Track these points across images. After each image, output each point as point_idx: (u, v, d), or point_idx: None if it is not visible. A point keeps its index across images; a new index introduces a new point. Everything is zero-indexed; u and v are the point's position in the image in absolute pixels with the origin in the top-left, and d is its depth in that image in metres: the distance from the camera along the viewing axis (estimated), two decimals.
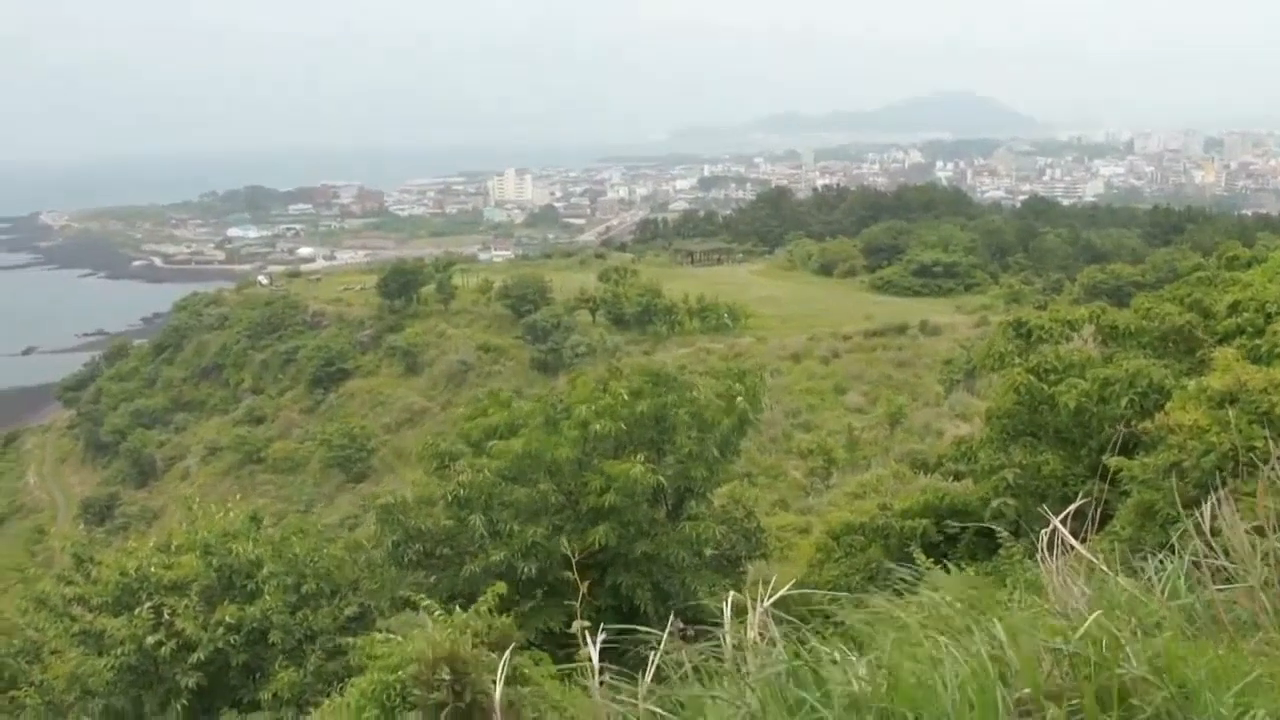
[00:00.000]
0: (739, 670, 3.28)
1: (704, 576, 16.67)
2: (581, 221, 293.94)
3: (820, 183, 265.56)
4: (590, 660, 3.46)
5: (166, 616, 13.76)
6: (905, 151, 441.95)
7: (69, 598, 15.79)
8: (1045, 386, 16.21)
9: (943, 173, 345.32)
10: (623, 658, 3.58)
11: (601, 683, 3.48)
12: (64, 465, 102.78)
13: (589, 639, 3.50)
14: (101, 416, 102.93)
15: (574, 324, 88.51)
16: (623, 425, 16.06)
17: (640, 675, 3.35)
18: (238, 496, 20.58)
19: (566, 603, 14.10)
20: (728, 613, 3.45)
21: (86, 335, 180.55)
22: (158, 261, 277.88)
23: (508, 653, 4.42)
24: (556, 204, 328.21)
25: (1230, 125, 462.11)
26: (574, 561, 11.80)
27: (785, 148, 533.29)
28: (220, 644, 13.59)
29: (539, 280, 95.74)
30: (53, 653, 18.64)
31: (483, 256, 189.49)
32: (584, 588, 4.81)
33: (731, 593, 3.57)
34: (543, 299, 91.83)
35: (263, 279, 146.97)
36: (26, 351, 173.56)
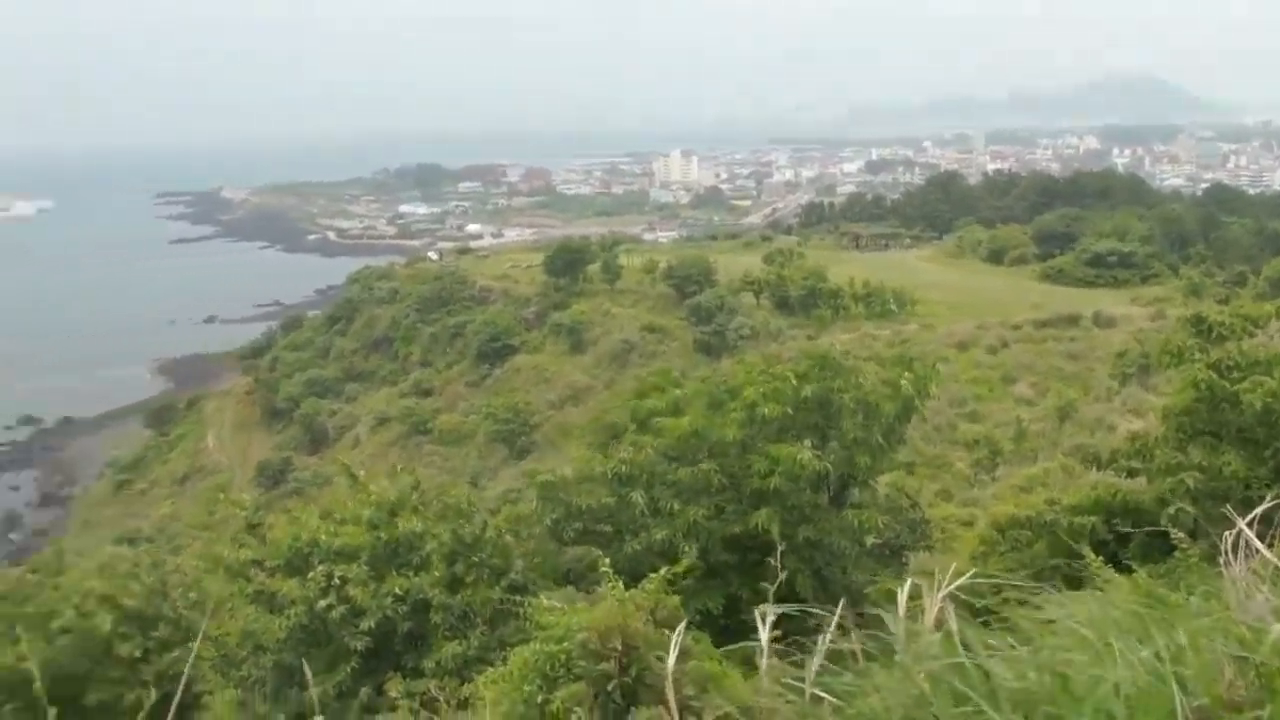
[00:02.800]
0: (907, 659, 3.25)
1: (865, 565, 16.52)
2: (747, 204, 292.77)
3: (991, 167, 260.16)
4: (760, 642, 3.47)
5: (337, 581, 14.16)
6: (1080, 137, 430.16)
7: (244, 559, 16.37)
8: (1228, 384, 15.60)
9: (1119, 159, 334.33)
10: (779, 643, 3.58)
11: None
12: (242, 429, 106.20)
13: (762, 621, 3.51)
14: (277, 384, 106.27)
15: (738, 306, 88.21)
16: (788, 409, 15.94)
17: (808, 659, 3.35)
18: (399, 468, 20.95)
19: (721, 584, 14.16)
20: (903, 599, 3.43)
21: (263, 305, 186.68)
22: (332, 236, 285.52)
23: (681, 628, 4.46)
24: (722, 185, 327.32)
25: None
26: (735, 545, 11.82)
27: (955, 131, 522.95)
28: (388, 612, 13.94)
29: (704, 262, 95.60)
30: (228, 610, 19.37)
31: (647, 237, 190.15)
32: (781, 571, 4.80)
33: (909, 580, 3.53)
34: (707, 280, 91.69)
35: (432, 254, 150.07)
36: (208, 320, 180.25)
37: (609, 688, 7.29)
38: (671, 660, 4.16)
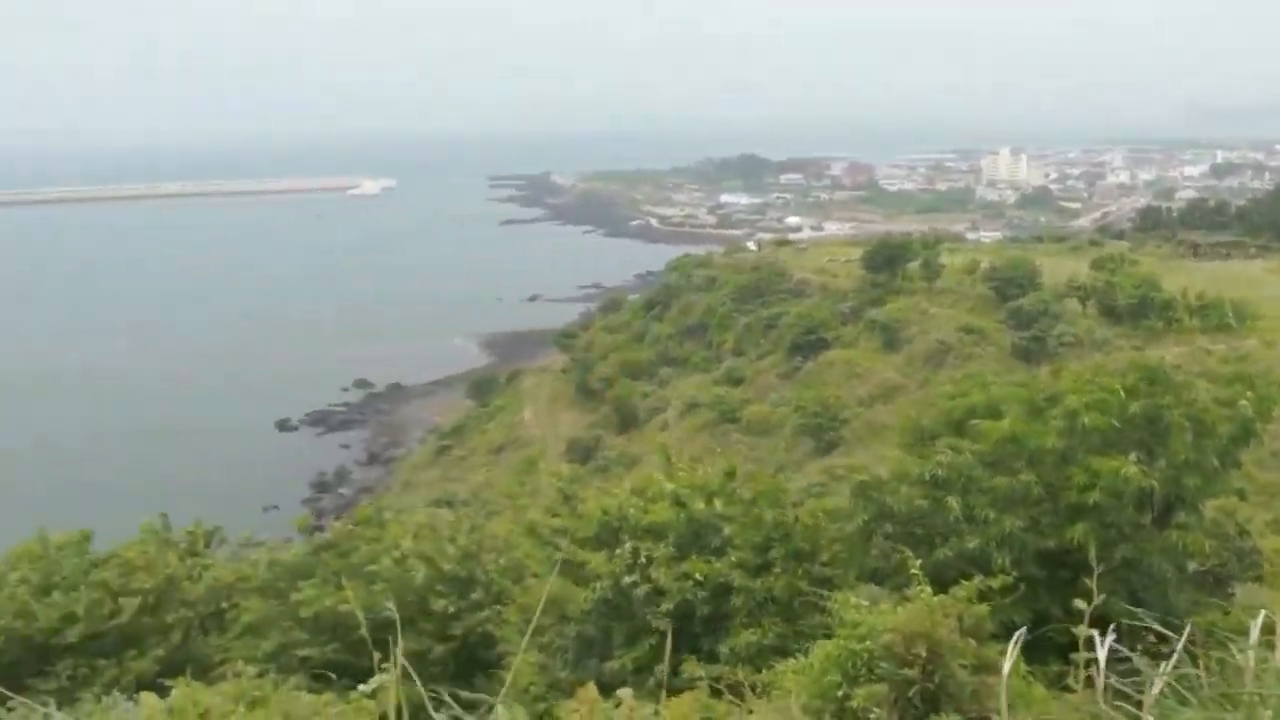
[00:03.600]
0: (1256, 696, 3.00)
1: (1186, 591, 15.63)
2: (1077, 205, 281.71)
3: None
4: (1091, 662, 3.28)
5: (642, 559, 14.40)
6: None
7: (555, 528, 16.89)
8: None
9: None
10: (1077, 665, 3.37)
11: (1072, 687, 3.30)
12: (556, 405, 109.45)
13: (1097, 643, 3.32)
14: (592, 364, 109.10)
15: (1061, 312, 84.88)
16: (1114, 421, 15.23)
17: (1146, 686, 3.14)
18: (718, 451, 21.16)
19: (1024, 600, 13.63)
20: (1255, 632, 3.16)
21: (584, 287, 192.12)
22: (654, 223, 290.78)
23: (1018, 636, 4.28)
24: (1051, 186, 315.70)
25: None
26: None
27: None
28: (688, 594, 14.08)
29: (1027, 264, 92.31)
30: (534, 576, 20.05)
31: (970, 236, 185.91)
32: (1098, 593, 4.56)
33: (1263, 612, 3.26)
34: (1030, 284, 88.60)
35: (751, 245, 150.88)
36: (532, 298, 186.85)
37: (910, 692, 7.15)
38: (1007, 668, 4.00)
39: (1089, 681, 3.29)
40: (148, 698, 5.15)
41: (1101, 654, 3.34)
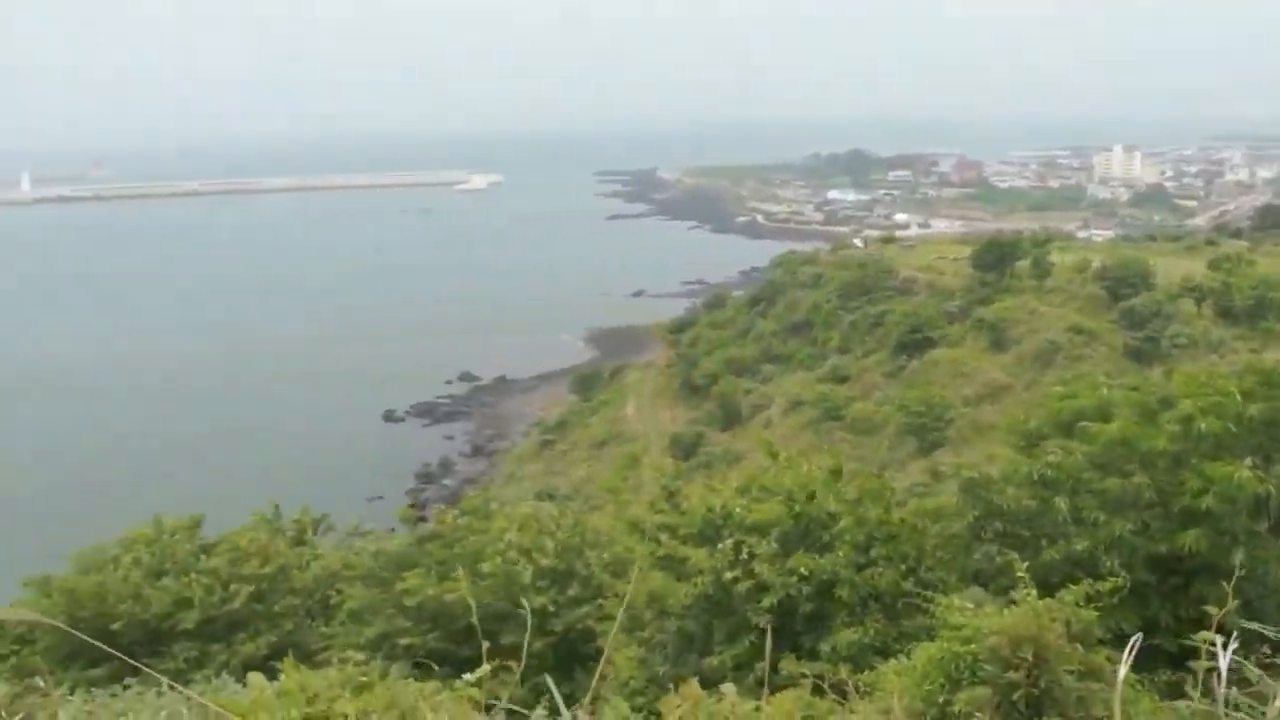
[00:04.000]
0: None
1: None
2: (1193, 204, 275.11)
3: None
4: (1214, 670, 3.21)
5: (745, 555, 14.37)
6: None
7: (657, 524, 16.93)
8: None
9: None
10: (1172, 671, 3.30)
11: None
12: (659, 401, 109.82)
13: (1219, 652, 3.24)
14: (696, 360, 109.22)
15: (1175, 313, 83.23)
16: (1229, 425, 14.86)
17: (1270, 699, 3.06)
18: (823, 449, 21.04)
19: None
20: None
21: (689, 283, 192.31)
22: (759, 219, 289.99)
23: (1133, 642, 4.19)
24: (1166, 184, 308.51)
25: None
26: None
27: None
28: (791, 590, 14.03)
29: (1141, 263, 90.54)
30: (636, 571, 20.12)
31: (1081, 235, 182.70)
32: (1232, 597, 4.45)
33: None
34: (1143, 283, 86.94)
35: (858, 242, 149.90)
36: (636, 294, 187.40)
37: (1014, 696, 7.06)
38: (1122, 674, 3.92)
39: (1205, 691, 3.21)
40: (256, 678, 5.28)
41: (1223, 663, 3.27)
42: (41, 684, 7.60)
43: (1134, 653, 4.33)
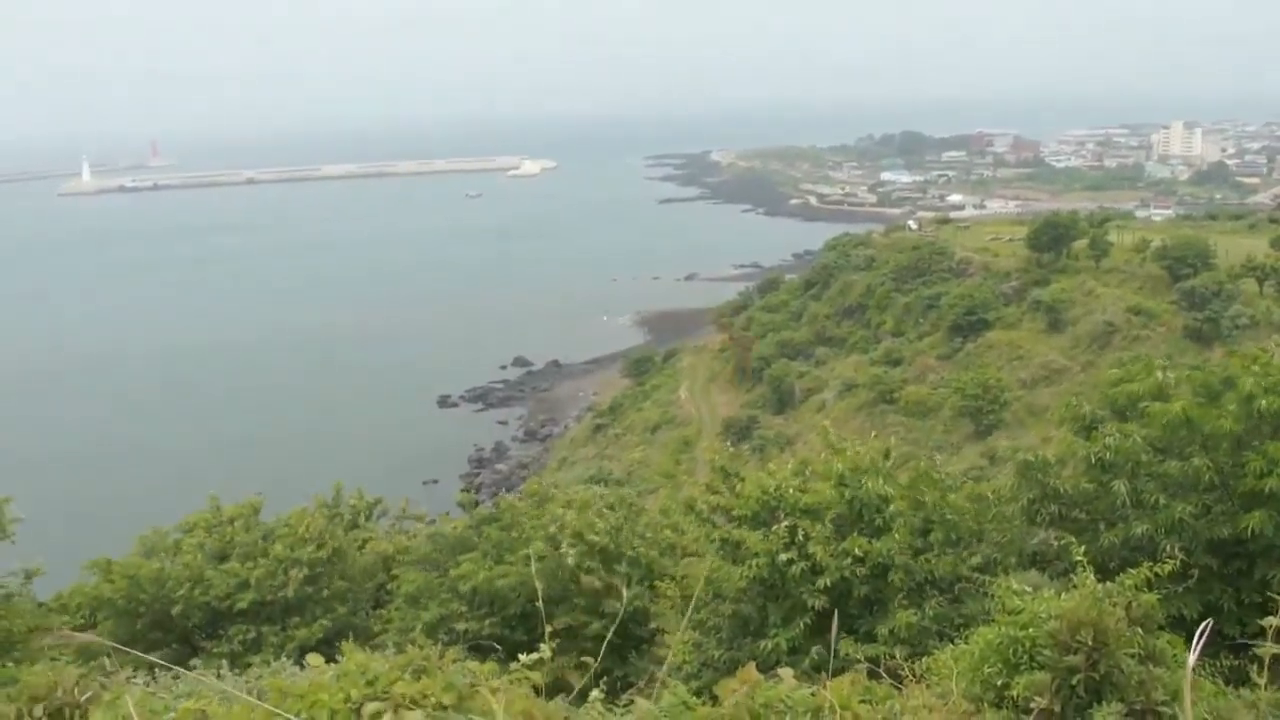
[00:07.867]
0: None
1: None
2: (1256, 181, 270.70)
3: None
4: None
5: (800, 538, 14.33)
6: None
7: (712, 506, 16.93)
8: None
9: None
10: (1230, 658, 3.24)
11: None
12: (712, 384, 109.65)
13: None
14: (749, 343, 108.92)
15: (1237, 293, 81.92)
16: None
17: None
18: (874, 434, 20.94)
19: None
20: None
21: (742, 266, 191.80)
22: (812, 201, 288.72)
23: (1203, 628, 4.14)
24: (1229, 161, 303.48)
25: None
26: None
27: None
28: (846, 573, 13.97)
29: (1201, 242, 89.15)
30: (691, 554, 20.15)
31: (1140, 214, 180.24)
32: None
33: None
34: (1203, 263, 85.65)
35: (912, 224, 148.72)
36: (689, 277, 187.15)
37: (1073, 681, 6.99)
38: (1191, 660, 3.87)
39: (1272, 678, 3.16)
40: (314, 660, 5.32)
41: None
42: (108, 665, 7.75)
43: (1203, 639, 4.26)
